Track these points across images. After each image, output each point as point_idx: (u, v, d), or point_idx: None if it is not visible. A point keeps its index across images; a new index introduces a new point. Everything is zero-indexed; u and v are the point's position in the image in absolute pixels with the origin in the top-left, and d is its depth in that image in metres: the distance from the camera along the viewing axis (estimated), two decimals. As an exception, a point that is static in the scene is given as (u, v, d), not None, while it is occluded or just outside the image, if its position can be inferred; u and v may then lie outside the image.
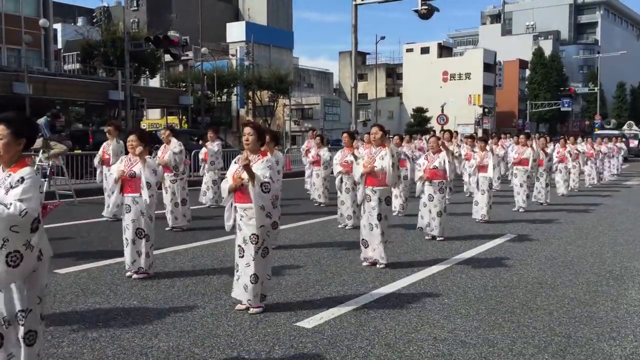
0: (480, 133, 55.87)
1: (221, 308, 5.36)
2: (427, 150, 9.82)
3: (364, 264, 7.08)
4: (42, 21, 32.02)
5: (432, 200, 8.85)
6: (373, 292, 5.97)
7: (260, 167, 5.06)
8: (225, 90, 54.23)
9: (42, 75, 32.35)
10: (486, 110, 67.11)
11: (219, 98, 53.01)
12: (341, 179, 9.32)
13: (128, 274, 6.42)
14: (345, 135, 10.53)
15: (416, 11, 21.64)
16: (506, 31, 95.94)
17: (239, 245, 5.18)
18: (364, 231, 7.08)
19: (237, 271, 5.26)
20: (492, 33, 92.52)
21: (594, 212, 12.76)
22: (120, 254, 6.93)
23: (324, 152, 12.73)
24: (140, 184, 6.40)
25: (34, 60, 35.04)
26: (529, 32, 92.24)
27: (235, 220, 5.25)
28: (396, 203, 11.28)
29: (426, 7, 21.39)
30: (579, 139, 22.90)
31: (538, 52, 77.38)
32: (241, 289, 5.21)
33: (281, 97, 57.88)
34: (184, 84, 46.63)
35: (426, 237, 8.94)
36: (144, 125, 46.03)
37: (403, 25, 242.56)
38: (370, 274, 6.74)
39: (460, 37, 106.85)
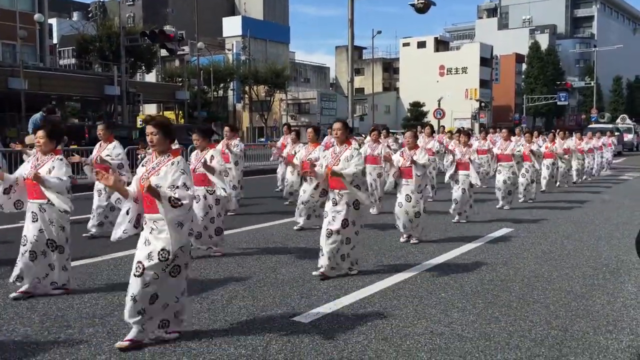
0: (477, 127, 56.00)
1: (217, 304, 5.35)
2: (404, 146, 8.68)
3: (315, 272, 6.31)
4: (37, 16, 31.87)
5: (409, 201, 8.05)
6: (370, 286, 5.96)
7: (170, 172, 4.24)
8: (222, 85, 54.21)
9: (37, 70, 32.22)
10: (483, 104, 67.21)
11: (215, 93, 52.98)
12: (304, 177, 8.46)
13: (13, 295, 5.40)
14: (310, 130, 9.76)
15: (412, 5, 21.61)
16: (503, 25, 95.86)
17: (139, 262, 4.21)
18: (321, 239, 6.31)
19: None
20: (489, 27, 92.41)
21: (590, 206, 12.78)
22: (119, 249, 6.92)
23: (299, 149, 11.68)
24: None
25: (29, 56, 34.88)
26: (525, 26, 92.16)
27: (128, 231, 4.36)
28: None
29: (422, 1, 21.35)
30: (577, 134, 22.16)
31: (534, 46, 77.39)
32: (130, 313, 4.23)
33: (278, 91, 57.81)
34: (180, 79, 46.53)
35: (401, 240, 8.30)
36: (140, 120, 45.89)
37: (400, 19, 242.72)
38: (367, 268, 6.73)
39: (456, 32, 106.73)
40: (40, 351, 4.20)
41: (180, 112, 42.68)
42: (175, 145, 4.90)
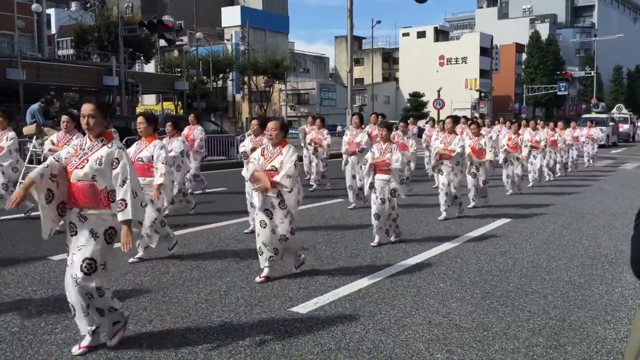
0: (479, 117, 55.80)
1: (215, 294, 5.35)
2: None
3: (74, 351, 4.04)
4: (34, 6, 31.72)
5: (271, 218, 5.72)
6: (368, 276, 5.95)
7: None
8: (221, 75, 54.07)
9: (35, 60, 32.11)
10: (483, 94, 67.04)
11: (214, 83, 52.84)
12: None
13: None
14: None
15: (412, -5, 21.48)
16: (503, 15, 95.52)
17: None
18: (67, 293, 4.05)
19: None
20: (489, 17, 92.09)
21: (589, 196, 12.76)
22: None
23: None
24: None
25: (27, 46, 34.80)
26: (525, 16, 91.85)
27: None
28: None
29: (422, -10, 21.24)
30: (551, 124, 19.62)
31: (535, 36, 77.17)
32: None
33: (277, 82, 57.68)
34: (179, 70, 46.37)
35: (258, 280, 5.72)
36: (139, 111, 45.80)
37: (399, 9, 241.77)
38: (365, 259, 6.73)
39: (456, 21, 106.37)
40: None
41: (180, 102, 42.58)
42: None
